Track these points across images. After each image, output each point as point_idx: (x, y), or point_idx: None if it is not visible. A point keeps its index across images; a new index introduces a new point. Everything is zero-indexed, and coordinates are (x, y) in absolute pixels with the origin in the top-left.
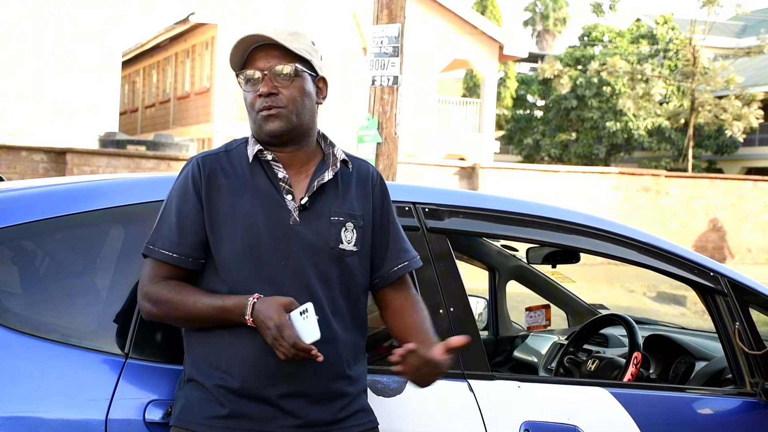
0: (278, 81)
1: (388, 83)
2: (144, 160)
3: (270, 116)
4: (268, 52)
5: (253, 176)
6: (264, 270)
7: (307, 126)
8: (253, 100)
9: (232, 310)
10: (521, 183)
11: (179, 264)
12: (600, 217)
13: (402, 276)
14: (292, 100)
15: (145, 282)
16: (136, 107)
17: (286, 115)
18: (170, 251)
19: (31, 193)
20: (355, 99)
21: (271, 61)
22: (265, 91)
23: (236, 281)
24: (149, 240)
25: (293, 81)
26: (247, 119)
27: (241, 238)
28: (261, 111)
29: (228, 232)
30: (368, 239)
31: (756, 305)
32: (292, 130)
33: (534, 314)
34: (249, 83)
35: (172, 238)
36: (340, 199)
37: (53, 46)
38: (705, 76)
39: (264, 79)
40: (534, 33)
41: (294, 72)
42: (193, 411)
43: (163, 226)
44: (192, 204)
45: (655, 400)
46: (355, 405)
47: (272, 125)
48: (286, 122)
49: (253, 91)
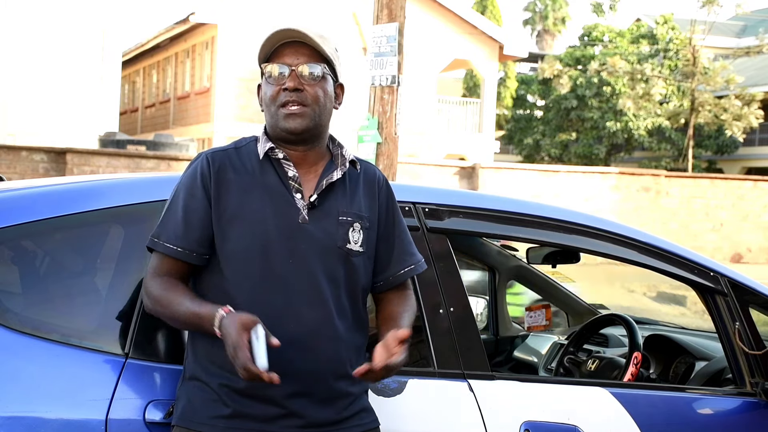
0: (305, 79)
1: (388, 83)
2: (144, 160)
3: (291, 114)
4: (297, 49)
5: (263, 174)
6: (272, 267)
7: (324, 128)
8: (275, 93)
9: (205, 319)
10: (521, 183)
11: (183, 258)
12: (600, 217)
13: (403, 281)
14: (316, 100)
15: (148, 275)
16: (136, 107)
17: (309, 114)
18: (175, 245)
19: (31, 193)
20: (355, 99)
21: (300, 58)
22: (291, 86)
23: (242, 278)
24: (154, 233)
25: (319, 82)
26: (248, 119)
27: (250, 235)
28: (283, 106)
29: (236, 229)
30: (373, 241)
31: (756, 305)
32: (312, 129)
33: (534, 314)
34: (273, 77)
35: (178, 232)
36: (349, 199)
37: (53, 46)
38: (705, 76)
39: (291, 74)
40: (533, 33)
41: (322, 73)
42: (195, 411)
43: (169, 220)
44: (200, 199)
45: (655, 400)
46: (358, 405)
47: (293, 122)
48: (308, 121)
49: (277, 84)
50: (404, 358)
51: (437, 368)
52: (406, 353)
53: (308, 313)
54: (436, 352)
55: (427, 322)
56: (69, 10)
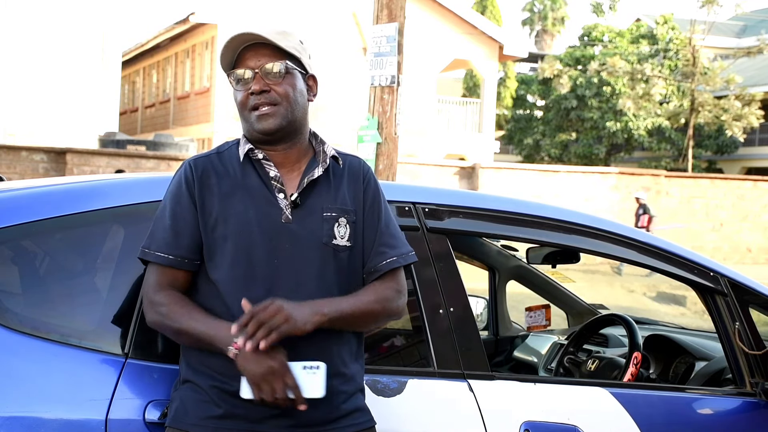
0: (269, 79)
1: (388, 83)
2: (144, 160)
3: (263, 115)
4: (257, 50)
5: (245, 176)
6: (257, 269)
7: (299, 123)
8: (244, 98)
9: (218, 339)
10: (521, 183)
11: (176, 266)
12: (600, 217)
13: (389, 272)
14: (285, 97)
15: (150, 289)
16: (136, 107)
17: (281, 112)
18: (166, 254)
19: (31, 193)
20: (355, 99)
21: (261, 59)
22: (257, 88)
23: (229, 281)
24: (144, 244)
25: (284, 78)
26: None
27: (234, 237)
28: (253, 109)
29: (220, 233)
30: (360, 234)
31: (756, 305)
32: (285, 127)
33: (534, 314)
34: (240, 82)
35: (168, 240)
36: (332, 195)
37: (53, 46)
38: (705, 76)
39: (255, 77)
40: (532, 33)
41: (285, 69)
42: (187, 412)
43: (158, 229)
44: (186, 206)
45: (655, 400)
46: (351, 404)
47: (265, 123)
48: (280, 119)
49: (245, 89)
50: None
51: (437, 368)
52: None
53: None
54: (436, 352)
55: (427, 322)
56: (69, 10)
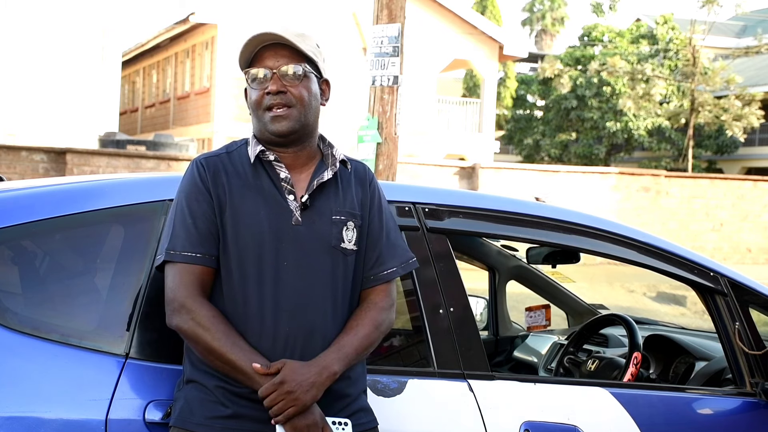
0: (287, 80)
1: (388, 83)
2: (144, 160)
3: (277, 116)
4: (276, 51)
5: (256, 177)
6: (267, 270)
7: (312, 126)
8: (259, 97)
9: (242, 372)
10: (521, 183)
11: (206, 264)
12: (600, 217)
13: (384, 282)
14: (300, 100)
15: (180, 292)
16: (136, 107)
17: (295, 115)
18: (193, 252)
19: (31, 193)
20: (355, 99)
21: (280, 60)
22: (274, 89)
23: (239, 281)
24: (168, 246)
25: (301, 81)
26: (247, 119)
27: (245, 238)
28: (268, 110)
29: (231, 233)
30: (364, 239)
31: (756, 305)
32: (298, 129)
33: (534, 314)
34: (256, 81)
35: (192, 238)
36: (341, 199)
37: (53, 46)
38: (705, 76)
39: (273, 77)
40: (532, 33)
41: (303, 72)
42: (193, 411)
43: (179, 229)
44: (205, 201)
45: (655, 400)
46: (355, 405)
47: (279, 125)
48: (294, 122)
49: (260, 89)
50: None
51: (437, 368)
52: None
53: (304, 314)
54: (436, 352)
55: (427, 322)
56: (69, 9)
